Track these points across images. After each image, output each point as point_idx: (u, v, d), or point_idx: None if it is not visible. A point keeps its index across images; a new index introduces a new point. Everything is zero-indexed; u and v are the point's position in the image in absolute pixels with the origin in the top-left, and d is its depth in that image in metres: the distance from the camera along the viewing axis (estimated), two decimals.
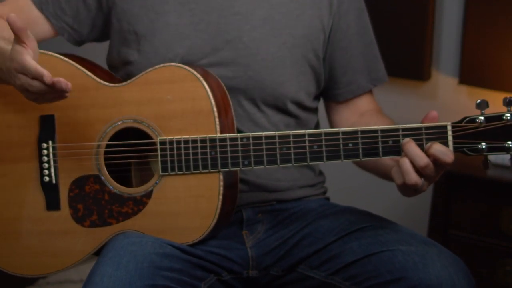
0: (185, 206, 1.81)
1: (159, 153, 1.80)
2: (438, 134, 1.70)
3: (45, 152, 1.88)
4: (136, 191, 1.84)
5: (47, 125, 1.88)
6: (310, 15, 1.94)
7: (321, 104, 2.10)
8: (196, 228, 1.81)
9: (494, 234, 2.67)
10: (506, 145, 1.67)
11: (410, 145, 1.69)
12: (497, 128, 1.66)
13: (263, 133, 1.77)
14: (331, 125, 2.09)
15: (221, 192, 1.79)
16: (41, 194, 1.89)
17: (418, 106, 2.99)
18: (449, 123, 1.70)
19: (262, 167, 1.78)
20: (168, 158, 1.80)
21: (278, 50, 1.91)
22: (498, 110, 1.74)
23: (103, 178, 1.85)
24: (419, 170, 1.68)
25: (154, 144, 1.81)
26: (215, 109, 1.79)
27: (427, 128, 1.70)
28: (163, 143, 1.80)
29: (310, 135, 1.75)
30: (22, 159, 1.90)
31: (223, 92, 1.84)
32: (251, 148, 1.77)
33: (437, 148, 1.67)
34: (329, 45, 1.98)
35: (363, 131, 1.73)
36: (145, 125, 1.82)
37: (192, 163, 1.79)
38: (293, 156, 1.76)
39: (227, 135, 1.78)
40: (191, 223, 1.81)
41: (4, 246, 1.92)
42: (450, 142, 1.69)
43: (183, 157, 1.80)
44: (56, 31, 1.98)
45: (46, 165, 1.88)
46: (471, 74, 2.86)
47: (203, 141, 1.78)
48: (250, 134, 1.77)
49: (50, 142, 1.88)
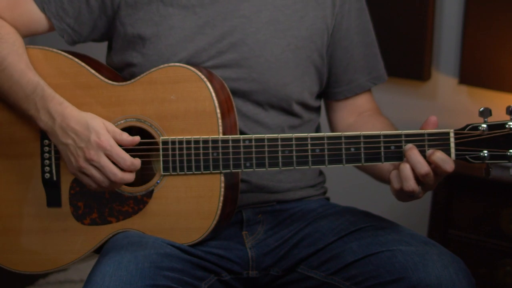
0: (186, 206, 1.81)
1: (161, 153, 1.80)
2: (441, 141, 1.70)
3: (47, 149, 1.88)
4: (137, 190, 1.84)
5: None
6: (314, 17, 1.94)
7: (322, 104, 2.10)
8: (196, 229, 1.81)
9: (494, 234, 2.67)
10: (509, 154, 1.67)
11: (413, 152, 1.69)
12: (500, 136, 1.66)
13: (266, 136, 1.77)
14: (330, 123, 2.09)
15: (222, 193, 1.79)
16: (42, 191, 1.89)
17: (418, 106, 2.99)
18: (452, 130, 1.70)
19: (264, 170, 1.78)
20: (170, 158, 1.80)
21: (282, 52, 1.91)
22: (498, 110, 1.74)
23: None
24: (419, 178, 1.68)
25: (156, 144, 1.82)
26: (218, 110, 1.79)
27: (430, 135, 1.70)
28: (165, 143, 1.80)
29: (313, 139, 1.75)
30: (24, 156, 1.90)
31: (227, 94, 1.84)
32: (253, 150, 1.77)
33: (439, 156, 1.67)
34: (331, 44, 1.99)
35: (366, 136, 1.73)
36: (148, 125, 1.82)
37: (194, 164, 1.79)
38: (295, 159, 1.76)
39: (230, 137, 1.78)
40: (192, 224, 1.81)
41: (4, 242, 1.92)
42: (453, 149, 1.69)
43: (185, 157, 1.79)
44: (54, 29, 1.94)
45: (48, 162, 1.88)
46: (471, 74, 2.86)
47: (205, 142, 1.78)
48: (253, 136, 1.77)
49: None
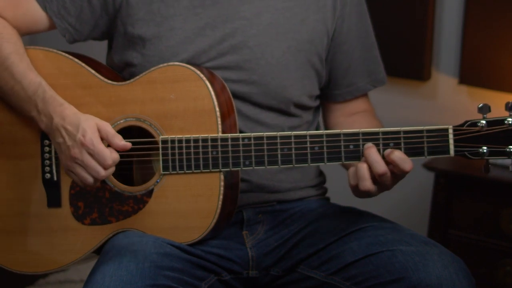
0: (186, 205, 1.81)
1: (161, 152, 1.80)
2: (440, 137, 1.70)
3: (48, 150, 1.88)
4: (137, 190, 1.84)
5: None
6: (315, 20, 1.94)
7: None
8: (196, 228, 1.81)
9: (494, 234, 2.67)
10: (508, 150, 1.67)
11: (371, 151, 1.70)
12: (499, 133, 1.67)
13: (265, 134, 1.77)
14: (323, 121, 2.11)
15: (222, 192, 1.79)
16: (42, 191, 1.89)
17: (418, 106, 2.99)
18: (451, 126, 1.70)
19: (263, 168, 1.78)
20: (170, 157, 1.80)
21: (283, 55, 1.91)
22: (498, 110, 1.74)
23: None
24: (376, 177, 1.70)
25: (156, 143, 1.82)
26: (218, 109, 1.79)
27: (429, 131, 1.70)
28: (165, 142, 1.80)
29: (312, 136, 1.75)
30: (25, 156, 1.90)
31: (228, 95, 1.84)
32: (253, 148, 1.77)
33: (397, 155, 1.69)
34: (331, 48, 1.99)
35: (365, 133, 1.73)
36: (148, 124, 1.82)
37: (193, 163, 1.79)
38: (294, 157, 1.76)
39: (229, 135, 1.78)
40: (191, 223, 1.81)
41: (4, 242, 1.92)
42: (452, 146, 1.69)
43: (185, 156, 1.79)
44: (54, 27, 1.94)
45: (48, 162, 1.88)
46: (471, 74, 2.86)
47: (205, 141, 1.78)
48: (252, 134, 1.77)
49: None
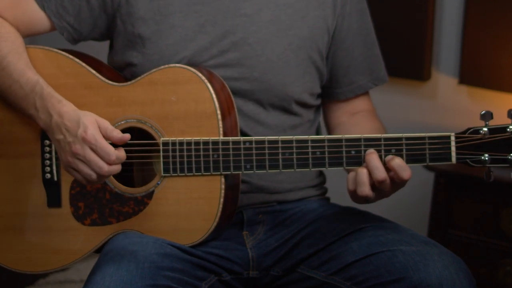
0: (186, 208, 1.81)
1: (161, 154, 1.80)
2: (441, 144, 1.70)
3: (48, 149, 1.88)
4: (137, 191, 1.84)
5: None
6: (315, 16, 1.94)
7: None
8: (197, 230, 1.81)
9: (494, 234, 2.67)
10: (510, 158, 1.67)
11: (373, 157, 1.70)
12: (501, 140, 1.67)
13: (266, 138, 1.77)
14: (324, 121, 2.11)
15: (222, 195, 1.79)
16: (43, 191, 1.89)
17: (418, 106, 2.99)
18: (453, 134, 1.70)
19: (264, 172, 1.78)
20: (170, 159, 1.80)
21: (284, 51, 1.91)
22: (498, 110, 1.74)
23: None
24: (375, 183, 1.70)
25: (157, 145, 1.81)
26: (219, 112, 1.79)
27: (431, 138, 1.70)
28: (166, 144, 1.80)
29: (313, 141, 1.75)
30: (25, 155, 1.90)
31: (227, 94, 1.84)
32: (254, 152, 1.77)
33: (397, 162, 1.69)
34: (332, 46, 1.99)
35: (366, 139, 1.73)
36: (148, 126, 1.82)
37: (194, 165, 1.79)
38: (296, 162, 1.76)
39: (230, 138, 1.78)
40: (192, 225, 1.81)
41: (5, 242, 1.92)
42: (453, 153, 1.70)
43: (185, 159, 1.79)
44: (55, 28, 1.94)
45: (48, 162, 1.88)
46: (471, 74, 2.86)
47: (206, 143, 1.78)
48: (253, 138, 1.77)
49: None
